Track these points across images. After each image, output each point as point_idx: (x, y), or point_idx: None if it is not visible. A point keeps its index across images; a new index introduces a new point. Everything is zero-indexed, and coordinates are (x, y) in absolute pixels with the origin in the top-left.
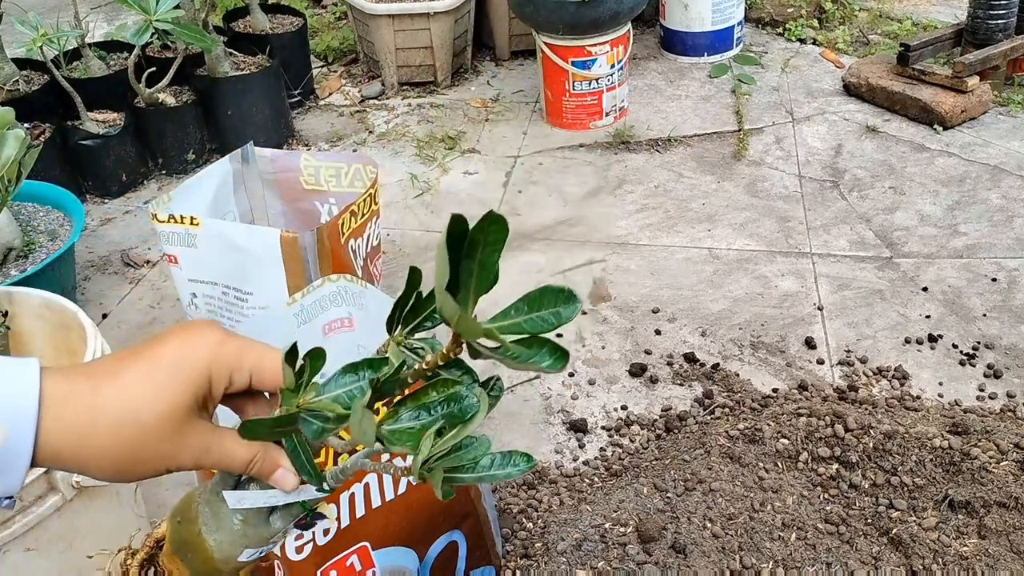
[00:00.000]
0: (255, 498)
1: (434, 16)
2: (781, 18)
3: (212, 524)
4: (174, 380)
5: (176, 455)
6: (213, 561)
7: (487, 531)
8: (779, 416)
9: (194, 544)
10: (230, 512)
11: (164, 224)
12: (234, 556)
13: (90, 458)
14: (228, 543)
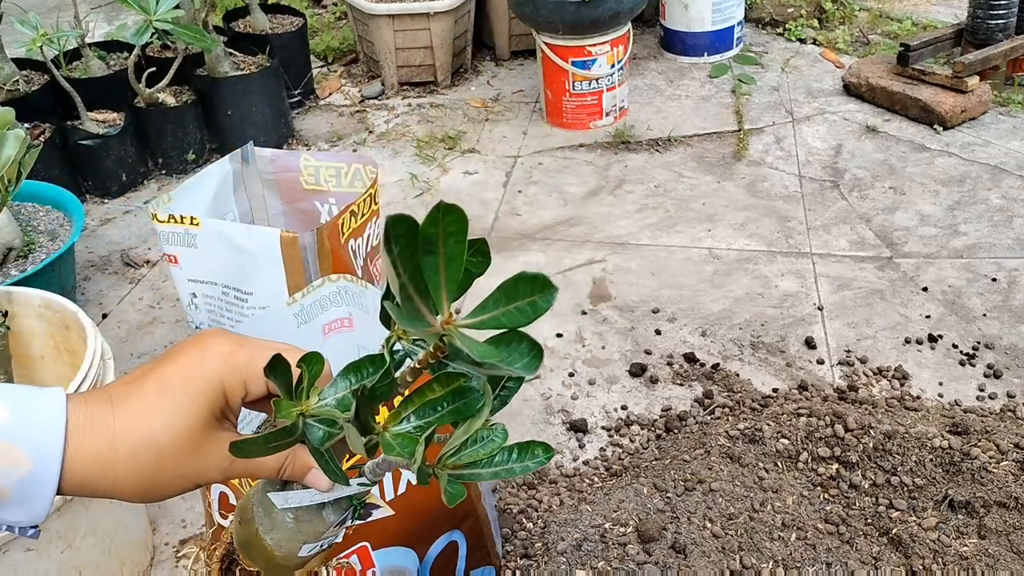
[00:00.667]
0: (300, 497)
1: (434, 16)
2: (781, 18)
3: (267, 523)
4: (187, 399)
5: (200, 472)
6: (275, 558)
7: (487, 531)
8: (779, 416)
9: (255, 543)
10: (281, 511)
11: (164, 224)
12: (294, 552)
13: (112, 485)
14: (285, 540)
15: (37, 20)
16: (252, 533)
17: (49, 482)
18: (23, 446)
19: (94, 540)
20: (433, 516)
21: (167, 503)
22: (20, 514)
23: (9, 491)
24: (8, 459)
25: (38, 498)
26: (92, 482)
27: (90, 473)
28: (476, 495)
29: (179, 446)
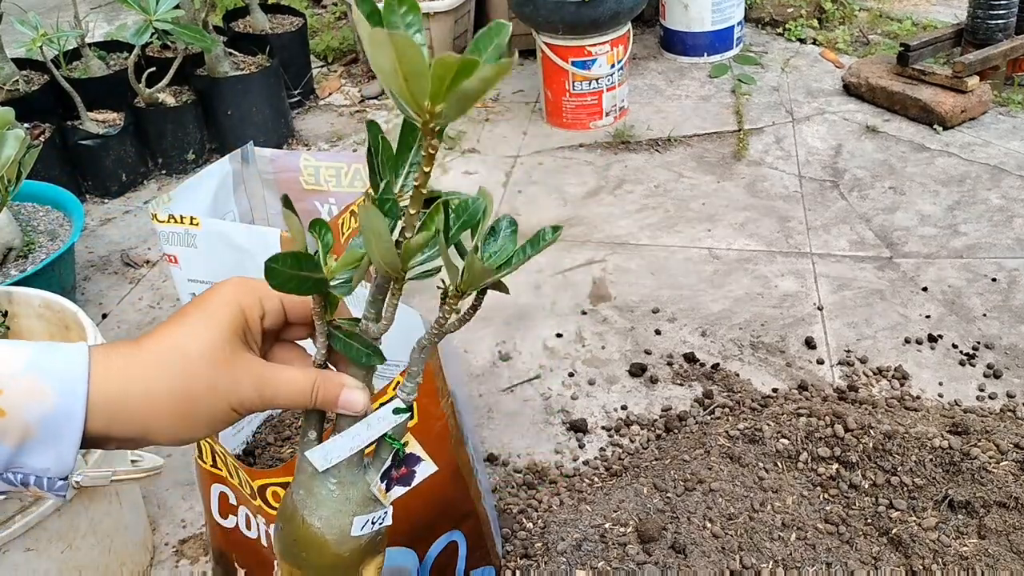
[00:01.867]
0: (339, 447)
1: (434, 16)
2: (781, 18)
3: (311, 503)
4: (207, 316)
5: (232, 387)
6: (328, 546)
7: (487, 531)
8: (779, 416)
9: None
10: (323, 481)
11: (164, 224)
12: (346, 531)
13: (145, 410)
14: (333, 516)
15: (37, 20)
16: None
17: (76, 417)
18: (46, 379)
19: (94, 540)
20: (433, 516)
21: (168, 504)
22: (48, 458)
23: (36, 427)
24: (32, 393)
25: (66, 436)
26: (122, 412)
27: (118, 400)
28: (476, 495)
29: (206, 352)
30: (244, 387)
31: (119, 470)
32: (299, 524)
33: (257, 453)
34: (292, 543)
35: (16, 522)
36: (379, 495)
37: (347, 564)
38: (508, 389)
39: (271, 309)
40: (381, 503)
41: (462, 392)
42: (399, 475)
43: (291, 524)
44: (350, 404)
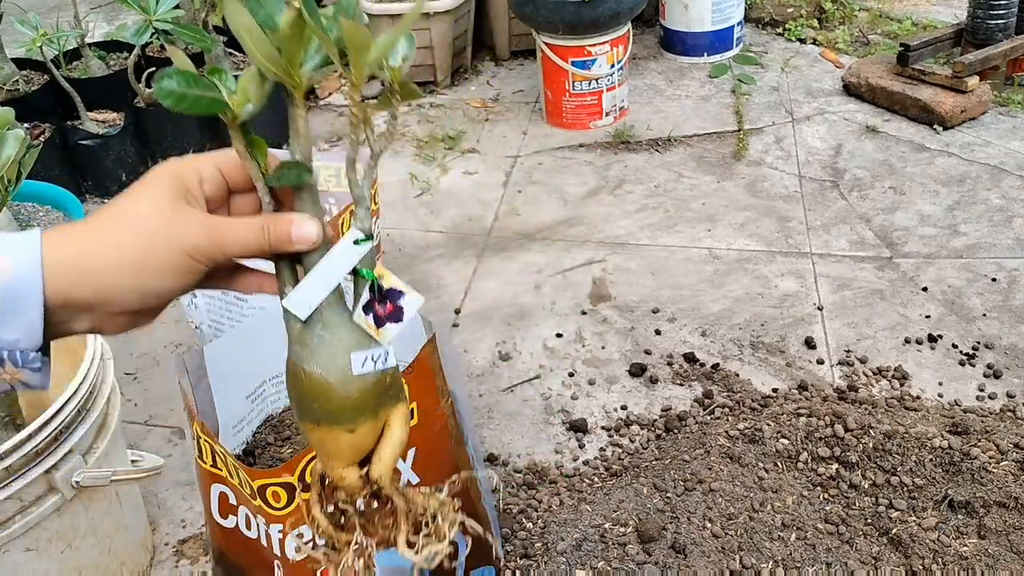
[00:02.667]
0: (313, 288)
1: (434, 16)
2: (781, 18)
3: (306, 355)
4: (149, 187)
5: (183, 231)
6: (333, 389)
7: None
8: (779, 416)
9: (309, 389)
10: (311, 330)
11: None
12: (346, 370)
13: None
14: (330, 359)
15: (37, 20)
16: (301, 378)
17: (35, 282)
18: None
19: (94, 540)
20: None
21: (168, 504)
22: (16, 329)
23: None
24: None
25: (29, 303)
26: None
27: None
28: (476, 495)
29: (153, 209)
30: (194, 232)
31: (119, 470)
32: (302, 377)
33: (257, 453)
34: (301, 399)
35: (16, 522)
36: (370, 331)
37: (359, 407)
38: (508, 389)
39: (208, 175)
40: (377, 341)
41: (462, 392)
42: (387, 312)
43: (295, 381)
44: (303, 235)
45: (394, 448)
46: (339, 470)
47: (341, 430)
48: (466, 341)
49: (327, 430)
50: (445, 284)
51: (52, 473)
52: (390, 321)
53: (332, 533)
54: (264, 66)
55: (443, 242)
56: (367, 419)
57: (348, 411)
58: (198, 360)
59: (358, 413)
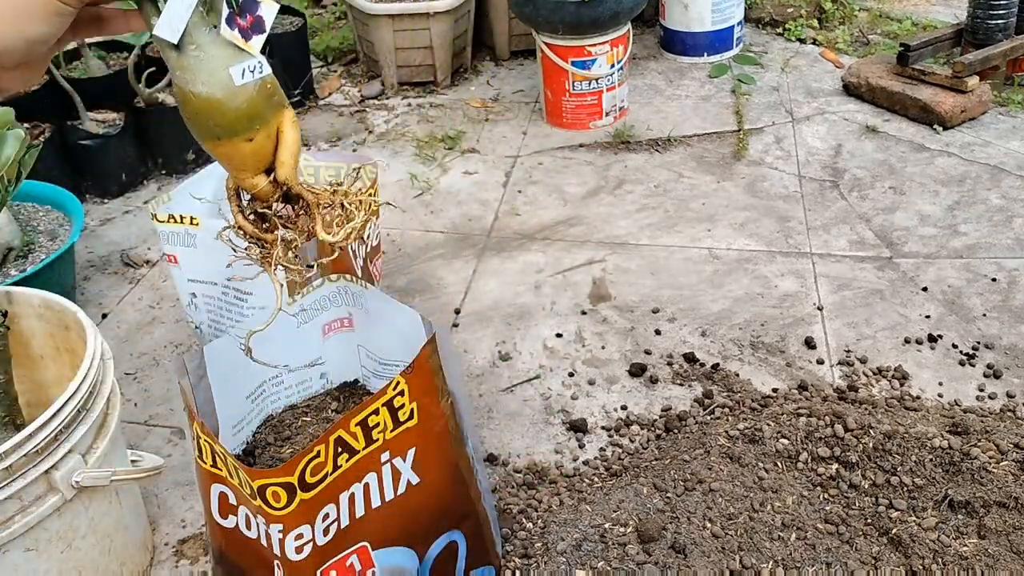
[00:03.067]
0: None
1: (434, 16)
2: (781, 18)
3: (190, 78)
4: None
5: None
6: (222, 103)
7: (487, 531)
8: (779, 416)
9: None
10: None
11: (164, 224)
12: (228, 84)
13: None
14: (210, 75)
15: None
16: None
17: None
18: None
19: (94, 540)
20: (433, 516)
21: (168, 504)
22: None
23: None
24: None
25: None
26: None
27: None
28: (476, 495)
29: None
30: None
31: (119, 470)
32: (191, 99)
33: (257, 453)
34: (197, 119)
35: (16, 522)
36: (238, 43)
37: (251, 115)
38: (508, 389)
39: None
40: (248, 53)
41: (462, 392)
42: (249, 24)
43: (187, 106)
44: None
45: (292, 149)
46: (250, 179)
47: (240, 140)
48: (466, 341)
49: (229, 143)
50: (445, 284)
51: (52, 473)
52: (255, 33)
53: (259, 234)
54: None
55: (443, 242)
56: (261, 126)
57: (243, 120)
58: (198, 360)
59: (252, 121)
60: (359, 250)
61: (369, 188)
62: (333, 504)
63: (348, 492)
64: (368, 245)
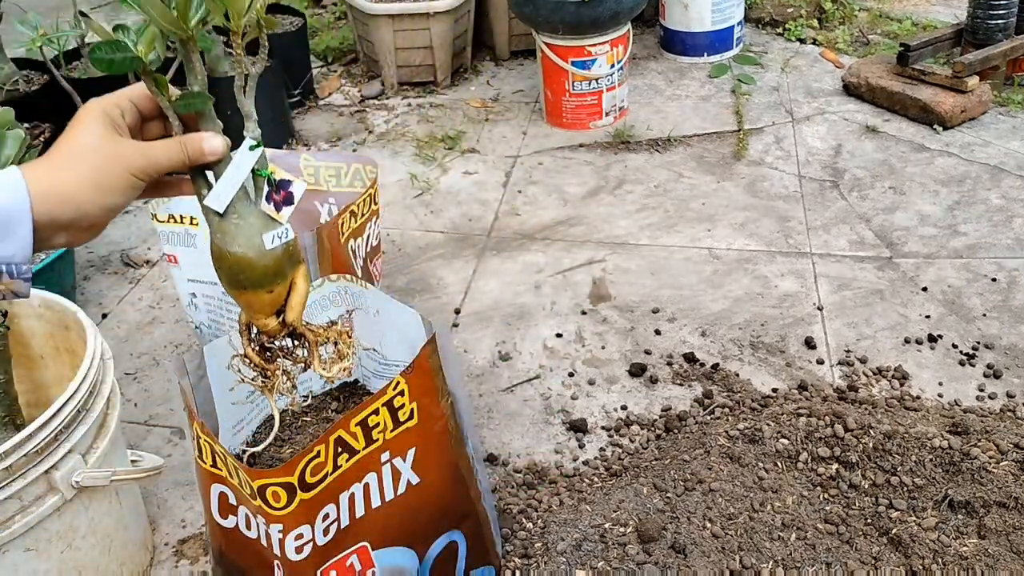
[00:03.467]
0: (225, 188)
1: (434, 16)
2: (781, 18)
3: (227, 240)
4: (85, 124)
5: (123, 155)
6: (253, 262)
7: (487, 531)
8: (779, 416)
9: (234, 265)
10: (228, 221)
11: (164, 224)
12: (260, 247)
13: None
14: (246, 239)
15: (37, 20)
16: (226, 257)
17: (24, 207)
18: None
19: (94, 540)
20: (433, 516)
21: (168, 504)
22: (12, 246)
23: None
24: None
25: (21, 224)
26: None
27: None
28: (476, 495)
29: (96, 142)
30: (132, 155)
31: (119, 470)
32: (227, 257)
33: (257, 453)
34: (230, 274)
35: (16, 522)
36: (272, 215)
37: (275, 272)
38: (508, 389)
39: (126, 108)
40: (278, 222)
41: (462, 392)
42: (281, 198)
43: (222, 261)
44: (213, 148)
45: (301, 298)
46: (263, 320)
47: (263, 292)
48: (466, 341)
49: (252, 293)
50: (445, 284)
51: (52, 473)
52: (286, 205)
53: (264, 364)
54: (161, 24)
55: (443, 242)
56: (280, 281)
57: (268, 277)
58: (198, 360)
59: (274, 277)
60: (359, 250)
61: (369, 188)
62: (333, 504)
63: (348, 492)
64: (368, 245)
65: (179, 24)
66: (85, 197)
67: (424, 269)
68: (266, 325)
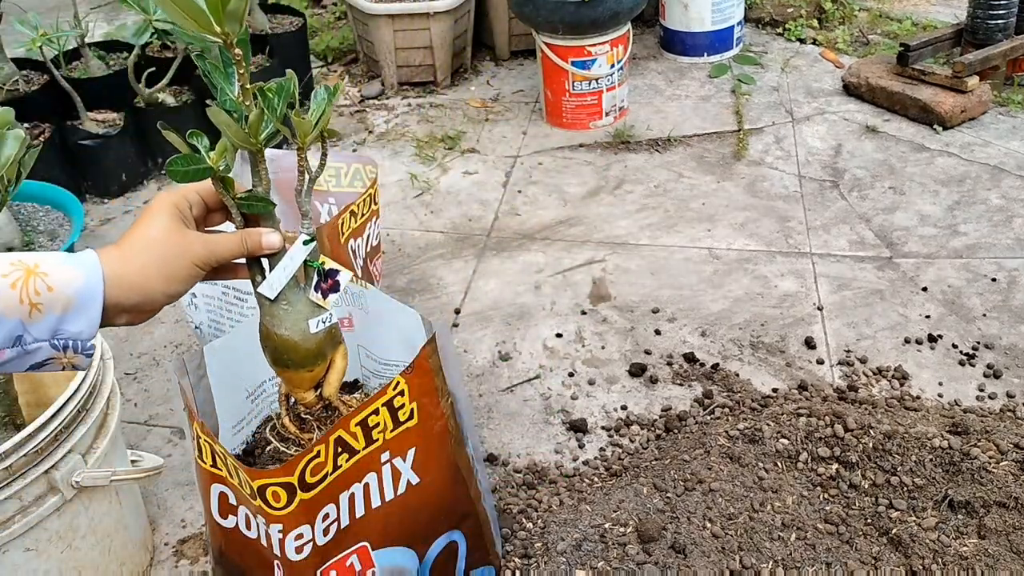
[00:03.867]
0: (278, 277)
1: (434, 16)
2: (781, 18)
3: (275, 323)
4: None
5: (188, 248)
6: (298, 344)
7: (487, 531)
8: (779, 416)
9: (280, 346)
10: (278, 306)
11: None
12: (306, 332)
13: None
14: (293, 324)
15: (37, 20)
16: (273, 339)
17: (98, 290)
18: (78, 268)
19: (94, 540)
20: (433, 516)
21: (168, 504)
22: (82, 323)
23: (74, 299)
24: (70, 277)
25: (93, 304)
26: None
27: (120, 272)
28: (476, 495)
29: (164, 234)
30: (196, 247)
31: (119, 470)
32: (274, 339)
33: (257, 453)
34: (275, 353)
35: (16, 522)
36: (319, 302)
37: (317, 353)
38: (508, 389)
39: (194, 201)
40: (323, 308)
41: (462, 393)
42: (328, 286)
43: (269, 341)
44: (271, 243)
45: (339, 375)
46: (301, 394)
47: (304, 371)
48: (466, 341)
49: (295, 372)
50: (445, 284)
51: (52, 473)
52: (332, 292)
53: (299, 434)
54: (234, 142)
55: (443, 242)
56: (321, 361)
57: (310, 358)
58: (198, 360)
59: (316, 358)
60: (359, 250)
61: (369, 188)
62: (333, 504)
63: (348, 492)
64: (368, 245)
65: (249, 140)
66: (151, 285)
67: (424, 269)
68: (304, 398)
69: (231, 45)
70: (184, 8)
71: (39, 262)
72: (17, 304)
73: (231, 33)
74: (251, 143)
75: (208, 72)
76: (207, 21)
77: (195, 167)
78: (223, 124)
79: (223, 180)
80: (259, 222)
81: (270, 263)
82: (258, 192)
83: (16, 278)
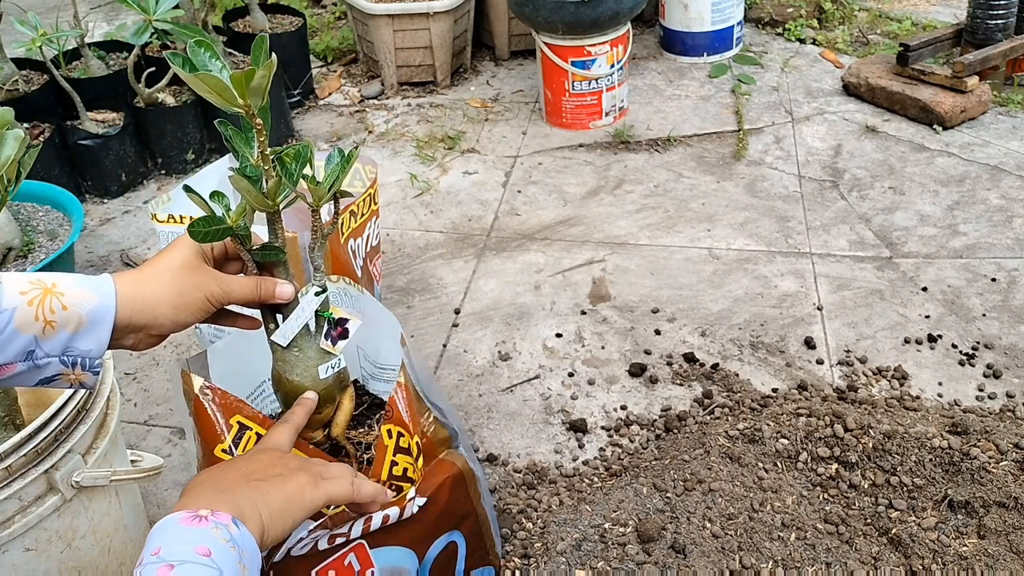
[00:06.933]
0: (290, 326)
1: (434, 16)
2: (781, 18)
3: (287, 368)
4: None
5: (204, 283)
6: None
7: (486, 531)
8: (779, 416)
9: (291, 391)
10: (290, 352)
11: (164, 224)
12: (316, 377)
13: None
14: (304, 370)
15: (37, 20)
16: (284, 383)
17: (111, 310)
18: (91, 288)
19: (94, 540)
20: (432, 516)
21: (168, 504)
22: (92, 341)
23: (86, 319)
24: (83, 296)
25: (104, 324)
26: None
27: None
28: (476, 496)
29: (183, 265)
30: (211, 284)
31: (119, 470)
32: (286, 384)
33: None
34: (287, 397)
35: (16, 522)
36: (329, 349)
37: (326, 398)
38: (508, 389)
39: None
40: (333, 354)
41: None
42: (338, 334)
43: (281, 385)
44: (284, 293)
45: (345, 416)
46: (310, 433)
47: (314, 413)
48: (466, 341)
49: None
50: (445, 284)
51: (52, 473)
52: (341, 339)
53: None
54: (254, 205)
55: (443, 242)
56: (330, 404)
57: (320, 402)
58: (202, 361)
59: (325, 402)
60: (359, 250)
61: (369, 188)
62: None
63: None
64: (368, 245)
65: (267, 203)
66: (162, 310)
67: (424, 269)
68: (313, 438)
69: (253, 116)
70: (211, 85)
71: (56, 282)
72: (33, 320)
73: (252, 105)
74: (269, 206)
75: (229, 138)
76: (231, 96)
77: (215, 228)
78: (243, 189)
79: (240, 238)
80: (272, 271)
81: (283, 314)
82: (273, 243)
83: (34, 296)
